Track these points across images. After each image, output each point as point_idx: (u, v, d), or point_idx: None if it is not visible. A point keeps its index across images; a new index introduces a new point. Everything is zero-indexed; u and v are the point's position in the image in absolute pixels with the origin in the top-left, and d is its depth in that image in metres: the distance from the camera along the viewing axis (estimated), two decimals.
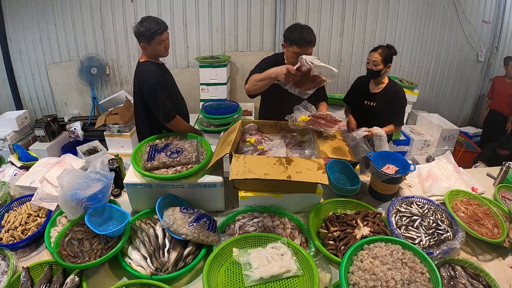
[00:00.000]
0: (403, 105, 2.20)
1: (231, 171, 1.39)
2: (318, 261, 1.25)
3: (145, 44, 1.92)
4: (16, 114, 3.61)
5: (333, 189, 1.69)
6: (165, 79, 1.98)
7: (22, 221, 1.47)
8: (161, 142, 1.75)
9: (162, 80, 1.94)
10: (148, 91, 1.91)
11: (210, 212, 1.49)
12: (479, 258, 1.37)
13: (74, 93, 4.15)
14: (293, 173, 1.37)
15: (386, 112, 2.17)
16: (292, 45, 1.83)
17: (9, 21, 3.77)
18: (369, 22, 4.06)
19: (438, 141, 3.67)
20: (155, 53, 1.97)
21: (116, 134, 3.43)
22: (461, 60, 4.46)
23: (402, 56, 4.31)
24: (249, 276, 1.14)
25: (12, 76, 4.02)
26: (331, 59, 4.21)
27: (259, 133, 1.90)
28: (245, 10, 3.90)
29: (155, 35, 1.87)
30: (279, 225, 1.39)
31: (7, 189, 1.67)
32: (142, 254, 1.28)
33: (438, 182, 1.68)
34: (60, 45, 3.93)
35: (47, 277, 1.19)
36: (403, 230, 1.40)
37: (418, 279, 1.03)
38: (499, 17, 4.29)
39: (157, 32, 1.87)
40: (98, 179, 1.45)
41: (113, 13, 3.82)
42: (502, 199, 1.67)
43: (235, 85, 4.21)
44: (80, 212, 1.40)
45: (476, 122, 4.80)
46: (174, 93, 2.11)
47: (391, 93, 2.15)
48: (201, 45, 4.05)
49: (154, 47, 1.92)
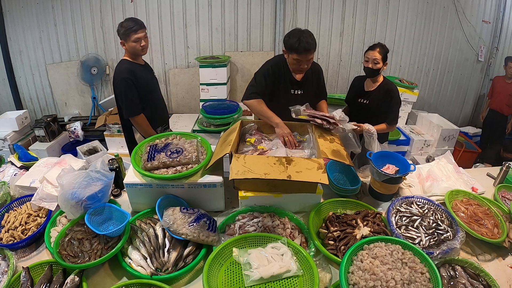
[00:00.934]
0: (397, 104, 2.20)
1: (231, 171, 1.38)
2: (318, 261, 1.25)
3: (123, 42, 2.08)
4: (16, 114, 3.62)
5: (333, 189, 1.69)
6: (134, 77, 2.07)
7: (22, 221, 1.47)
8: (161, 142, 1.74)
9: (130, 77, 2.05)
10: (115, 86, 2.11)
11: (210, 212, 1.49)
12: (479, 258, 1.37)
13: (74, 93, 4.16)
14: (293, 173, 1.37)
15: (379, 110, 2.18)
16: (292, 52, 1.85)
17: (9, 21, 3.77)
18: (369, 22, 4.06)
19: (438, 141, 3.67)
20: (133, 51, 2.10)
21: (116, 134, 3.43)
22: (461, 60, 4.46)
23: (402, 56, 4.31)
24: (249, 276, 1.14)
25: (12, 76, 4.02)
26: (331, 59, 4.21)
27: (259, 133, 1.90)
28: (245, 10, 3.90)
29: (131, 32, 2.03)
30: (279, 225, 1.39)
31: (7, 189, 1.67)
32: (142, 254, 1.28)
33: (438, 182, 1.68)
34: (60, 45, 3.93)
35: (47, 277, 1.19)
36: (403, 230, 1.40)
37: (418, 279, 1.03)
38: (499, 17, 4.29)
39: (133, 29, 2.02)
40: (98, 178, 1.45)
41: (113, 13, 3.82)
42: (502, 199, 1.67)
43: (235, 85, 4.21)
44: (80, 212, 1.40)
45: (476, 122, 4.80)
46: (150, 94, 2.19)
47: (384, 91, 2.16)
48: (201, 45, 4.05)
49: (130, 45, 2.07)
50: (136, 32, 2.03)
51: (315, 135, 1.76)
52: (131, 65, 2.11)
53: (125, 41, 2.06)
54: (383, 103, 2.16)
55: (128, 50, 2.10)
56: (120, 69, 2.08)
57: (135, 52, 2.11)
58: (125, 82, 2.04)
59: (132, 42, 2.05)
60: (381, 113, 2.18)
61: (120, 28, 2.06)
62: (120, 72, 2.07)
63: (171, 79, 4.15)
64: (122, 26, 2.05)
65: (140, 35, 2.05)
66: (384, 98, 2.16)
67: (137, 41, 2.05)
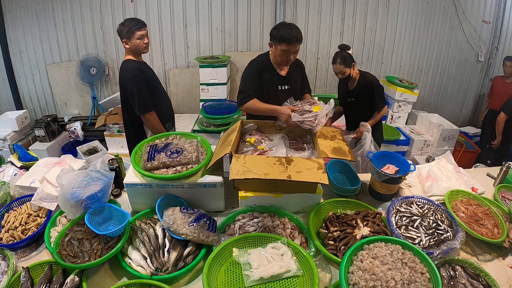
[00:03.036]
0: (379, 91, 2.39)
1: (231, 171, 1.38)
2: (318, 261, 1.25)
3: (126, 40, 2.08)
4: (16, 114, 3.62)
5: (333, 189, 1.69)
6: (143, 75, 2.10)
7: (22, 221, 1.47)
8: (161, 142, 1.74)
9: (140, 74, 2.07)
10: (125, 85, 2.08)
11: (210, 212, 1.49)
12: (479, 258, 1.36)
13: (74, 93, 4.16)
14: (293, 173, 1.37)
15: (365, 103, 2.40)
16: (281, 43, 1.87)
17: (9, 21, 3.77)
18: (369, 22, 4.06)
19: (438, 141, 3.67)
20: (136, 49, 2.11)
21: (116, 134, 3.43)
22: (461, 60, 4.46)
23: (402, 56, 4.32)
24: (249, 276, 1.14)
25: (12, 76, 4.02)
26: (331, 59, 4.19)
27: (259, 133, 1.90)
28: (245, 10, 3.90)
29: (135, 30, 2.05)
30: (279, 225, 1.39)
31: (7, 189, 1.67)
32: (142, 254, 1.28)
33: (438, 182, 1.68)
34: (60, 45, 3.93)
35: (47, 277, 1.18)
36: (403, 230, 1.40)
37: (418, 279, 1.03)
38: (499, 17, 4.29)
39: (136, 27, 2.05)
40: (98, 178, 1.45)
41: (113, 13, 3.82)
42: (502, 199, 1.67)
43: (235, 85, 4.21)
44: (80, 212, 1.40)
45: (476, 122, 4.80)
46: (156, 91, 2.21)
47: (364, 85, 2.37)
48: (201, 45, 4.05)
49: (134, 42, 2.07)
50: (139, 29, 2.06)
51: (315, 135, 1.76)
52: (136, 64, 2.12)
53: (128, 40, 2.07)
54: (367, 96, 2.37)
55: (131, 48, 2.10)
56: (127, 68, 2.09)
57: (138, 50, 2.12)
58: (135, 80, 2.05)
59: (136, 40, 2.06)
60: (369, 105, 2.40)
61: (122, 28, 2.06)
62: (128, 71, 2.08)
63: (171, 79, 4.14)
64: (124, 25, 2.06)
65: (143, 32, 2.08)
66: (366, 92, 2.36)
67: (141, 38, 2.07)
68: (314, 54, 4.19)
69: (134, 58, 2.15)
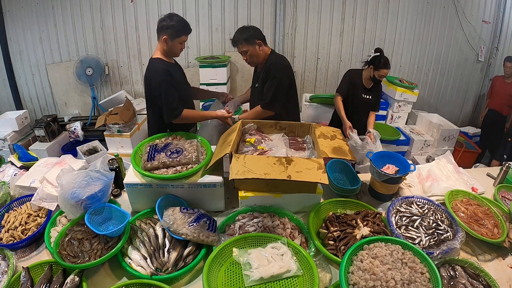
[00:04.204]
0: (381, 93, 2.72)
1: (231, 171, 1.38)
2: (318, 261, 1.25)
3: (168, 39, 1.90)
4: (16, 114, 3.61)
5: (333, 189, 1.69)
6: (171, 77, 1.96)
7: (22, 221, 1.47)
8: (161, 142, 1.75)
9: (167, 78, 1.93)
10: (153, 87, 1.93)
11: (210, 212, 1.49)
12: (479, 258, 1.37)
13: (74, 93, 4.15)
14: (293, 172, 1.37)
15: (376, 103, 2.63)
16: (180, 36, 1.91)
17: (9, 21, 3.77)
18: (369, 22, 4.06)
19: (438, 141, 3.67)
20: (172, 50, 1.97)
21: (116, 134, 3.42)
22: (461, 60, 4.46)
23: (402, 56, 4.31)
24: (249, 276, 1.14)
25: (12, 76, 4.01)
26: (331, 59, 4.21)
27: (259, 133, 1.90)
28: (245, 10, 3.90)
29: (182, 34, 1.91)
30: (279, 225, 1.39)
31: (7, 189, 1.67)
32: (142, 254, 1.28)
33: (438, 182, 1.68)
34: (60, 45, 3.93)
35: (47, 277, 1.19)
36: (403, 230, 1.40)
37: (418, 279, 1.03)
38: (499, 17, 4.29)
39: (186, 32, 1.92)
40: (98, 177, 1.45)
41: (113, 13, 3.82)
42: (502, 199, 1.67)
43: (235, 85, 4.21)
44: (79, 212, 1.40)
45: (476, 122, 4.79)
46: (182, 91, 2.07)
47: (379, 87, 2.62)
48: (201, 45, 4.04)
49: (174, 45, 1.93)
50: (186, 35, 1.94)
51: (315, 135, 1.76)
52: (166, 65, 1.98)
53: (171, 39, 1.89)
54: (378, 96, 2.63)
55: (166, 49, 1.95)
56: (157, 69, 1.93)
57: (172, 53, 2.00)
58: (164, 84, 1.90)
59: (178, 44, 1.93)
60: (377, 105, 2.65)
61: (169, 23, 1.86)
62: (157, 72, 1.92)
63: None
64: (172, 21, 1.86)
65: (186, 39, 1.96)
66: (379, 92, 2.63)
67: (182, 43, 1.95)
68: (314, 54, 4.19)
69: (165, 58, 2.00)
